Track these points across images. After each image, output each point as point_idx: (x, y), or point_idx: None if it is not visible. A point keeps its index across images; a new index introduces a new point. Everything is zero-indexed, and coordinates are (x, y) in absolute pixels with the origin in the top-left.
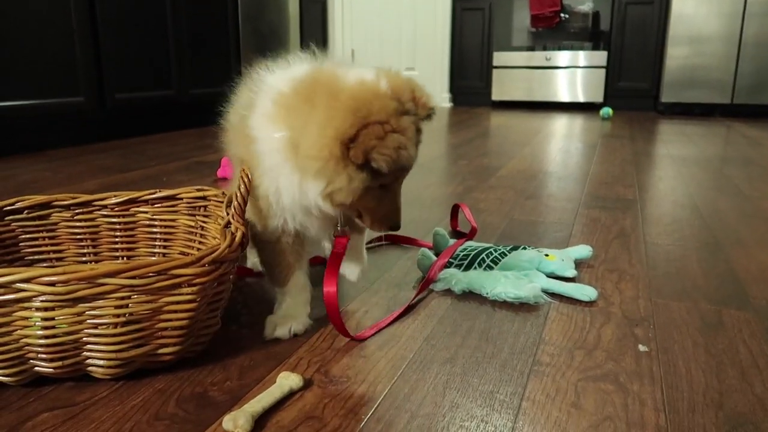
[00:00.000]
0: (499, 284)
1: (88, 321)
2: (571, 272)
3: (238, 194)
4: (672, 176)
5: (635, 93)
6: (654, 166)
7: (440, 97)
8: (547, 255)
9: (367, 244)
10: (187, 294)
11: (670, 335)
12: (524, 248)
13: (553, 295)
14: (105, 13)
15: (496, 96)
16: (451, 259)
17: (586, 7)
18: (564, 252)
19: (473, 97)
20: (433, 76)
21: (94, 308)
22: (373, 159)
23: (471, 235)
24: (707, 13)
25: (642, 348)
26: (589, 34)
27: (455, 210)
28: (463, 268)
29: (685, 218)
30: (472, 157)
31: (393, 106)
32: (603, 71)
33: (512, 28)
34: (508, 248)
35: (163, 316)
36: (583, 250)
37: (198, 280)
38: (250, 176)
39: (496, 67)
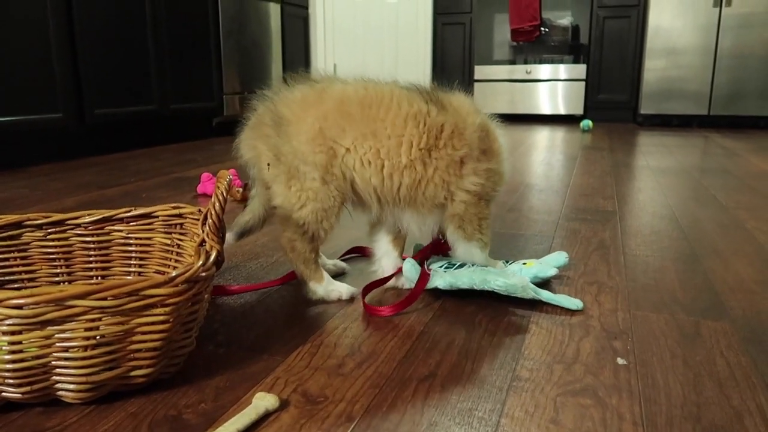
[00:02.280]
0: (488, 274)
1: (58, 344)
2: (552, 271)
3: (213, 212)
4: (651, 187)
5: (615, 105)
6: (633, 178)
7: None
8: (525, 263)
9: (342, 256)
10: (160, 315)
11: (649, 348)
12: (504, 262)
13: (540, 305)
14: (83, 28)
15: None
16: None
17: (566, 20)
18: (541, 260)
19: None
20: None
21: (63, 331)
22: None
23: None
24: (683, 25)
25: (620, 361)
26: (569, 48)
27: None
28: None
29: (663, 229)
30: None
31: None
32: (583, 84)
33: (493, 41)
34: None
35: (135, 338)
36: (560, 257)
37: (171, 301)
38: (225, 194)
39: (477, 81)
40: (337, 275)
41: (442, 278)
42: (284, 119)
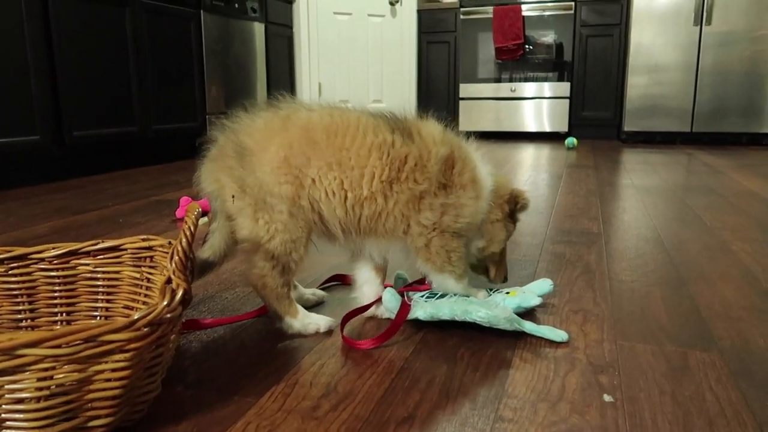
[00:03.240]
0: (470, 305)
1: (8, 396)
2: (536, 300)
3: (179, 248)
4: (636, 207)
5: (599, 122)
6: (618, 197)
7: None
8: (508, 293)
9: (321, 284)
10: (120, 361)
11: (636, 382)
12: (488, 292)
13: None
14: (62, 48)
15: (463, 127)
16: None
17: (550, 39)
18: (525, 287)
19: None
20: (401, 108)
21: (13, 382)
22: (518, 203)
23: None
24: (664, 43)
25: (607, 398)
26: (553, 66)
27: None
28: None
29: (648, 252)
30: None
31: None
32: (567, 101)
33: (478, 60)
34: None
35: (93, 386)
36: (544, 285)
37: (132, 346)
38: (193, 229)
39: (462, 99)
40: (317, 305)
41: (422, 309)
42: (247, 149)
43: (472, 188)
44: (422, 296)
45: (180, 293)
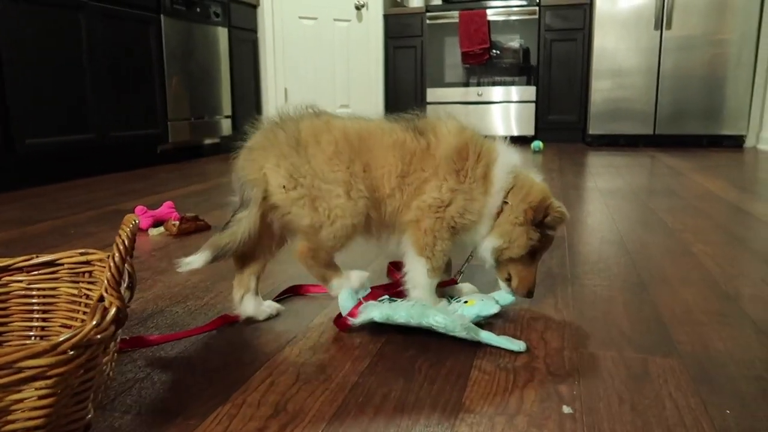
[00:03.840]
0: (427, 309)
1: None
2: (495, 308)
3: (112, 263)
4: (599, 210)
5: (564, 125)
6: (582, 201)
7: None
8: (466, 302)
9: (277, 296)
10: (42, 389)
11: (596, 392)
12: (448, 300)
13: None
14: (11, 53)
15: None
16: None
17: (516, 43)
18: (489, 295)
19: None
20: (369, 113)
21: None
22: (548, 214)
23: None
24: (627, 48)
25: (566, 409)
26: (520, 70)
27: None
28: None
29: (612, 256)
30: None
31: None
32: (533, 105)
33: (444, 64)
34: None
35: (11, 417)
36: (508, 295)
37: (55, 372)
38: (128, 242)
39: (429, 103)
40: (270, 317)
41: (378, 309)
42: (302, 141)
43: (482, 183)
44: (381, 299)
45: (112, 312)
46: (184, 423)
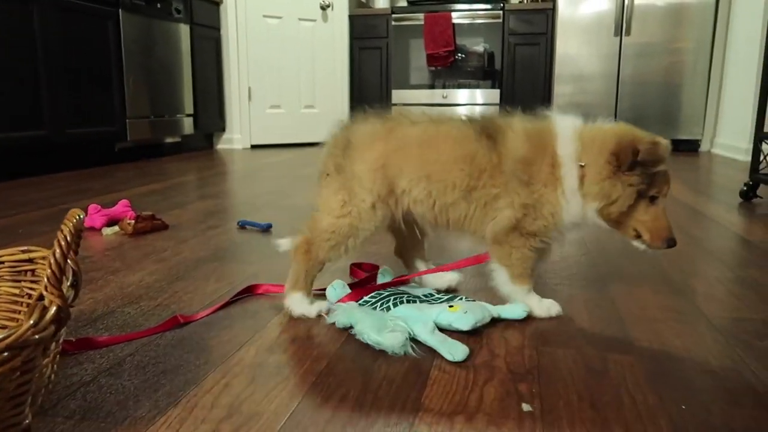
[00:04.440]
0: (364, 324)
1: None
2: (465, 326)
3: (53, 260)
4: None
5: None
6: None
7: None
8: (451, 306)
9: (233, 297)
10: None
11: (555, 390)
12: (439, 298)
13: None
14: None
15: None
16: (367, 298)
17: (481, 47)
18: (477, 305)
19: None
20: (334, 113)
21: None
22: (639, 151)
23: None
24: (588, 54)
25: (526, 407)
26: (484, 73)
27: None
28: (369, 305)
29: (572, 254)
30: None
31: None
32: (497, 108)
33: (410, 66)
34: (425, 295)
35: None
36: (516, 309)
37: None
38: (70, 238)
39: (395, 105)
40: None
41: (345, 315)
42: (351, 145)
43: (551, 177)
44: (374, 296)
45: (52, 311)
46: (131, 428)
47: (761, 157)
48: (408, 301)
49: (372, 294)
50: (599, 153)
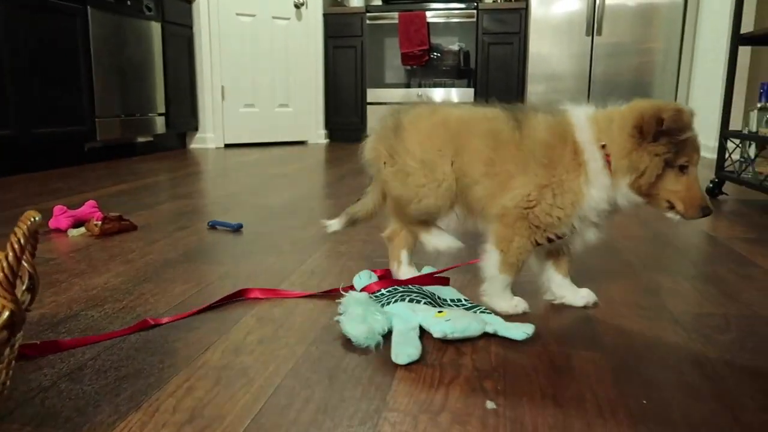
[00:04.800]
0: (348, 315)
1: None
2: (436, 333)
3: (5, 263)
4: None
5: None
6: None
7: (316, 133)
8: (440, 311)
9: (215, 302)
10: None
11: (520, 386)
12: (462, 304)
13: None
14: None
15: None
16: (384, 291)
17: (456, 46)
18: (468, 318)
19: (350, 133)
20: (308, 112)
21: None
22: (663, 120)
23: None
24: (560, 53)
25: (490, 405)
26: (460, 72)
27: None
28: (376, 299)
29: None
30: (340, 195)
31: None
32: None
33: (384, 65)
34: (450, 299)
35: None
36: (518, 330)
37: None
38: (24, 240)
39: (370, 104)
40: None
41: (345, 302)
42: (402, 125)
43: (574, 162)
44: (375, 295)
45: (5, 315)
46: None
47: (726, 155)
48: (413, 301)
49: (389, 288)
50: (621, 129)
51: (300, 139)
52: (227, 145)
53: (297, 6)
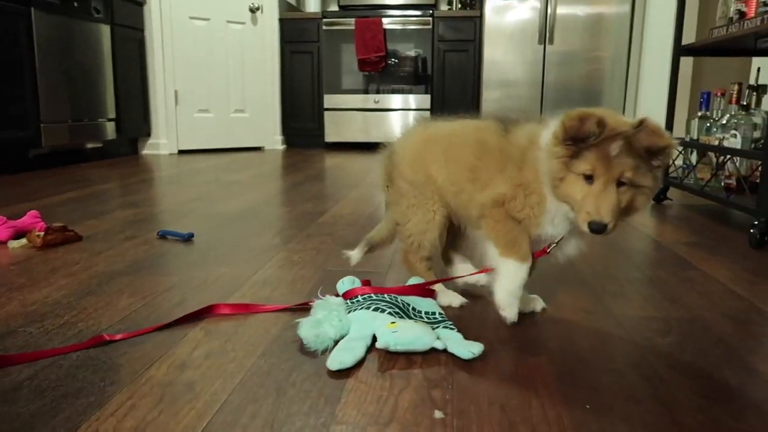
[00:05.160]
0: (309, 318)
1: None
2: (380, 344)
3: None
4: None
5: None
6: None
7: (272, 139)
8: (393, 322)
9: (179, 318)
10: None
11: (467, 395)
12: (419, 313)
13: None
14: None
15: (330, 138)
16: (360, 298)
17: (413, 52)
18: (420, 332)
19: (307, 139)
20: (265, 118)
21: None
22: (565, 126)
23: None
24: (514, 61)
25: (438, 414)
26: (417, 78)
27: None
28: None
29: None
30: (296, 202)
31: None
32: (428, 113)
33: (342, 71)
34: (418, 310)
35: None
36: (466, 350)
37: None
38: None
39: (327, 110)
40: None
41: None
42: (395, 151)
43: (536, 170)
44: (351, 301)
45: None
46: None
47: (670, 162)
48: (378, 310)
49: (366, 295)
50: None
51: (256, 145)
52: (181, 151)
53: (252, 10)
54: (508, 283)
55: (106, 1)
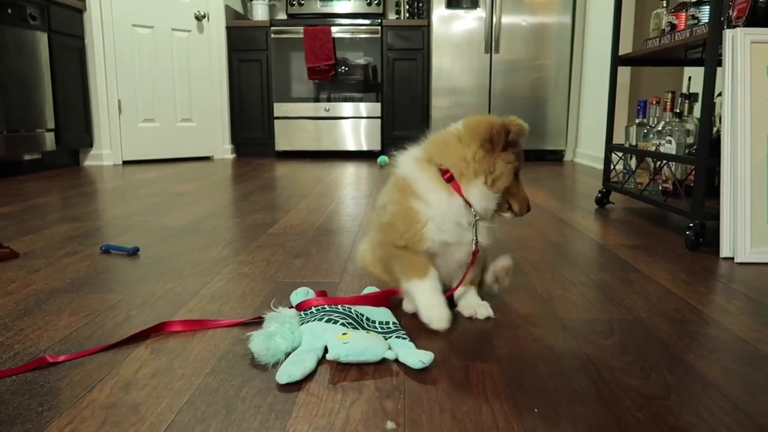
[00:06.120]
0: (261, 331)
1: None
2: (330, 355)
3: None
4: None
5: (409, 140)
6: None
7: (222, 149)
8: (345, 333)
9: (127, 337)
10: None
11: (419, 403)
12: (373, 323)
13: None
14: None
15: (280, 146)
16: (313, 309)
17: (363, 60)
18: (370, 343)
19: (257, 148)
20: (213, 127)
21: None
22: (509, 132)
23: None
24: (461, 68)
25: (390, 425)
26: (367, 86)
27: None
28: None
29: None
30: (246, 213)
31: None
32: (380, 121)
33: (291, 79)
34: (372, 321)
35: None
36: (416, 358)
37: None
38: None
39: (277, 118)
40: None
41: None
42: (386, 178)
43: (404, 194)
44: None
45: None
46: None
47: (611, 167)
48: (330, 321)
49: (320, 306)
50: (468, 142)
51: (205, 155)
52: (125, 162)
53: (198, 18)
54: (420, 299)
55: (42, 7)
